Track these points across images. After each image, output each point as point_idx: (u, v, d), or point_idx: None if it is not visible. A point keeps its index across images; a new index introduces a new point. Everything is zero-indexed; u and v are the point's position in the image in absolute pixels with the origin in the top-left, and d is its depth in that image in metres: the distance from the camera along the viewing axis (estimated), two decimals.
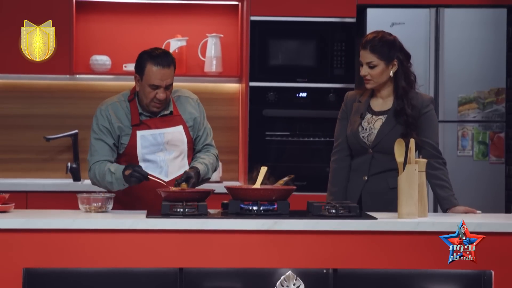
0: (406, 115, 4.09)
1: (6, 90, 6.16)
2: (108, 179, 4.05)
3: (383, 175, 4.13)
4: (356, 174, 4.20)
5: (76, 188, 5.72)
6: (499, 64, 5.86)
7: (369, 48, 4.11)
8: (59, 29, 5.65)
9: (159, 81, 4.07)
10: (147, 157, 4.15)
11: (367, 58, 4.12)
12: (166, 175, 4.15)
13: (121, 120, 4.16)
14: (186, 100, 4.27)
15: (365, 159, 4.17)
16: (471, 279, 3.60)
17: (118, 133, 4.15)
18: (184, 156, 4.19)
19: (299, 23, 5.88)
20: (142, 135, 4.15)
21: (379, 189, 4.12)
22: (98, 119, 4.17)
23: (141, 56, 4.16)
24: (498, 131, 5.85)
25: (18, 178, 6.13)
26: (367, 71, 4.12)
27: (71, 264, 3.54)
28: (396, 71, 4.14)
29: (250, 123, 5.88)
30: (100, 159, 4.12)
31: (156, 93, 4.08)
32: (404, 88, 4.13)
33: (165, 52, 4.14)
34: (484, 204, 5.72)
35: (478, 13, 5.87)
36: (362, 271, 3.60)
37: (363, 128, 4.17)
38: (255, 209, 3.69)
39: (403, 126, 4.09)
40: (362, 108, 4.20)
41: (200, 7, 6.19)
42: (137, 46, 6.11)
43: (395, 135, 4.06)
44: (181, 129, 4.21)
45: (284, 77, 5.89)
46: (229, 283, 3.58)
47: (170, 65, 4.09)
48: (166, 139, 4.17)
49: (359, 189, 4.16)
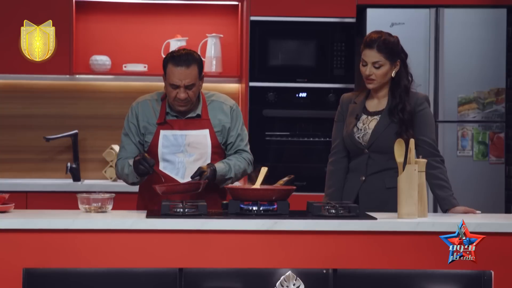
0: (403, 113, 4.09)
1: (6, 90, 6.16)
2: (126, 171, 4.14)
3: (380, 175, 4.14)
4: (353, 174, 4.20)
5: (76, 188, 5.73)
6: (499, 64, 5.86)
7: (376, 48, 4.08)
8: (59, 29, 5.65)
9: (177, 80, 4.08)
10: (167, 157, 4.17)
11: (373, 57, 4.08)
12: (182, 177, 4.14)
13: (148, 118, 4.21)
14: (219, 106, 4.26)
15: (362, 160, 4.17)
16: (471, 279, 3.61)
17: (143, 131, 4.20)
18: (206, 160, 4.18)
19: (299, 23, 5.88)
20: (164, 134, 4.17)
21: (376, 189, 4.13)
22: (128, 116, 4.26)
23: (166, 56, 4.19)
24: (498, 131, 5.85)
25: (18, 178, 6.13)
26: (372, 71, 4.10)
27: (71, 264, 3.54)
28: (398, 71, 4.14)
29: (250, 123, 5.88)
30: (126, 156, 4.20)
31: (176, 93, 4.10)
32: (406, 87, 4.13)
33: (188, 53, 4.14)
34: (484, 204, 5.72)
35: (478, 13, 5.87)
36: (362, 271, 3.60)
37: (358, 129, 4.18)
38: (255, 209, 3.70)
39: (398, 124, 4.09)
40: (357, 109, 4.21)
41: (200, 7, 6.19)
42: (137, 46, 6.15)
43: (390, 134, 4.07)
44: (206, 132, 4.20)
45: (284, 77, 5.88)
46: (229, 283, 3.58)
47: (190, 65, 4.09)
48: (187, 141, 4.17)
49: (356, 189, 4.17)
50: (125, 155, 4.20)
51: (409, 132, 4.06)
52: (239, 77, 6.14)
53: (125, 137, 4.24)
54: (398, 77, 4.13)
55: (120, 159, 4.22)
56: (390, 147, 3.95)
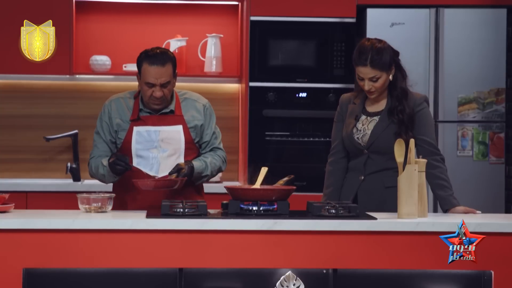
0: (402, 114, 4.09)
1: (6, 90, 6.16)
2: (101, 171, 4.15)
3: (379, 175, 4.15)
4: (352, 174, 4.21)
5: (76, 188, 5.73)
6: (499, 64, 5.86)
7: (370, 65, 4.06)
8: (59, 29, 5.65)
9: (153, 79, 4.11)
10: (140, 153, 4.18)
11: (369, 74, 4.07)
12: (156, 172, 4.17)
13: (121, 116, 4.21)
14: (192, 104, 4.29)
15: (361, 160, 4.18)
16: (471, 279, 3.60)
17: (116, 129, 4.21)
18: (179, 155, 4.21)
19: (299, 23, 5.88)
20: (137, 131, 4.19)
21: (375, 188, 4.14)
22: (101, 114, 4.27)
23: (140, 55, 4.22)
24: (498, 131, 5.85)
25: (18, 178, 6.13)
26: (370, 85, 4.10)
27: (71, 264, 3.54)
28: (394, 74, 4.14)
29: (250, 123, 5.88)
30: (98, 154, 4.22)
31: (152, 91, 4.12)
32: (403, 89, 4.14)
33: (162, 51, 4.17)
34: (484, 204, 5.72)
35: (478, 13, 5.87)
36: (362, 271, 3.60)
37: (358, 129, 4.18)
38: (255, 209, 3.69)
39: (397, 125, 4.10)
40: (357, 109, 4.22)
41: (200, 7, 6.19)
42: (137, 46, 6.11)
43: (389, 135, 4.08)
44: (180, 128, 4.22)
45: (284, 77, 5.88)
46: (229, 283, 3.58)
47: (166, 64, 4.12)
48: (161, 137, 4.18)
49: (355, 188, 4.18)
50: (97, 153, 4.22)
51: (408, 134, 4.06)
52: (239, 77, 6.14)
53: (97, 135, 4.25)
54: (394, 79, 4.14)
55: (93, 158, 4.23)
56: (389, 148, 3.96)
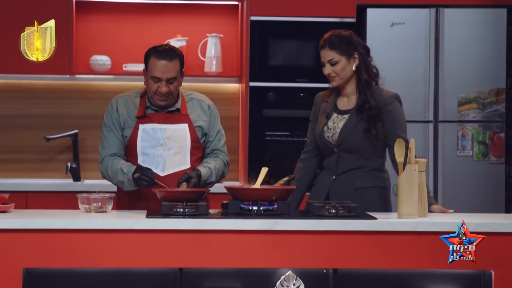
0: (369, 109, 4.09)
1: (6, 90, 6.16)
2: (120, 178, 4.10)
3: (350, 174, 4.13)
4: (325, 173, 4.21)
5: (76, 188, 5.73)
6: (499, 64, 5.86)
7: (328, 46, 4.13)
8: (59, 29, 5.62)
9: (160, 73, 4.10)
10: (146, 151, 4.17)
11: (327, 56, 4.14)
12: (162, 170, 4.16)
13: (128, 112, 4.22)
14: (198, 103, 4.30)
15: (332, 159, 4.18)
16: (471, 279, 3.61)
17: (123, 126, 4.20)
18: (185, 153, 4.20)
19: (299, 23, 5.88)
20: (143, 128, 4.19)
21: (346, 189, 4.13)
22: (108, 111, 4.25)
23: (148, 50, 4.22)
24: (498, 131, 5.85)
25: (18, 178, 6.13)
26: (330, 69, 4.14)
27: (71, 264, 3.54)
28: (358, 65, 4.15)
29: (250, 123, 5.88)
30: (112, 152, 4.19)
31: (158, 86, 4.12)
32: (366, 81, 4.15)
33: (171, 48, 4.19)
34: (484, 204, 5.73)
35: (478, 13, 5.87)
36: (362, 271, 3.60)
37: (328, 128, 4.20)
38: (255, 209, 3.69)
39: (366, 121, 4.09)
40: (328, 108, 4.24)
41: (200, 7, 6.20)
42: (137, 46, 6.14)
43: (358, 132, 4.09)
44: (185, 127, 4.22)
45: (284, 77, 5.89)
46: (229, 283, 3.58)
47: (173, 59, 4.12)
48: (166, 135, 4.18)
49: (327, 188, 4.16)
50: (109, 151, 4.18)
51: (378, 126, 4.06)
52: (239, 77, 6.14)
53: (108, 131, 4.22)
54: (358, 72, 4.15)
55: (106, 157, 4.18)
56: (358, 146, 4.02)
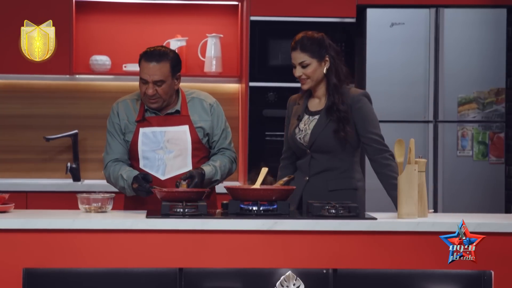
0: (338, 111, 4.07)
1: (6, 90, 6.16)
2: (121, 184, 4.10)
3: (323, 176, 4.10)
4: (299, 174, 4.19)
5: (76, 188, 5.73)
6: (499, 64, 5.86)
7: (300, 48, 4.10)
8: (59, 29, 5.64)
9: (146, 75, 4.08)
10: (146, 155, 4.16)
11: (298, 58, 4.11)
12: (163, 173, 4.15)
13: (129, 117, 4.21)
14: (199, 103, 4.26)
15: (305, 160, 4.16)
16: (471, 279, 3.61)
17: (124, 131, 4.19)
18: (186, 156, 4.19)
19: (299, 23, 5.88)
20: (143, 132, 4.17)
21: (319, 191, 4.10)
22: (110, 116, 4.25)
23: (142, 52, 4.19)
24: (498, 131, 5.85)
25: (18, 178, 6.13)
26: (301, 71, 4.11)
27: (71, 264, 3.54)
28: (328, 68, 4.13)
29: (250, 123, 5.87)
30: (115, 157, 4.18)
31: (146, 88, 4.10)
32: (335, 84, 4.12)
33: (162, 50, 4.13)
34: (484, 204, 5.73)
35: (478, 13, 5.87)
36: (362, 271, 3.60)
37: (300, 129, 4.18)
38: (255, 209, 3.69)
39: (335, 122, 4.08)
40: (299, 110, 4.22)
41: (200, 7, 6.19)
42: (137, 46, 6.13)
43: (328, 133, 4.07)
44: (186, 128, 4.20)
45: (284, 77, 5.88)
46: (229, 283, 3.58)
47: (161, 62, 4.08)
48: (166, 137, 4.17)
49: (300, 190, 4.13)
50: (112, 157, 4.18)
51: (346, 129, 4.05)
52: (239, 77, 6.14)
53: (111, 137, 4.22)
54: (327, 75, 4.13)
55: (109, 163, 4.18)
56: (330, 146, 4.02)
